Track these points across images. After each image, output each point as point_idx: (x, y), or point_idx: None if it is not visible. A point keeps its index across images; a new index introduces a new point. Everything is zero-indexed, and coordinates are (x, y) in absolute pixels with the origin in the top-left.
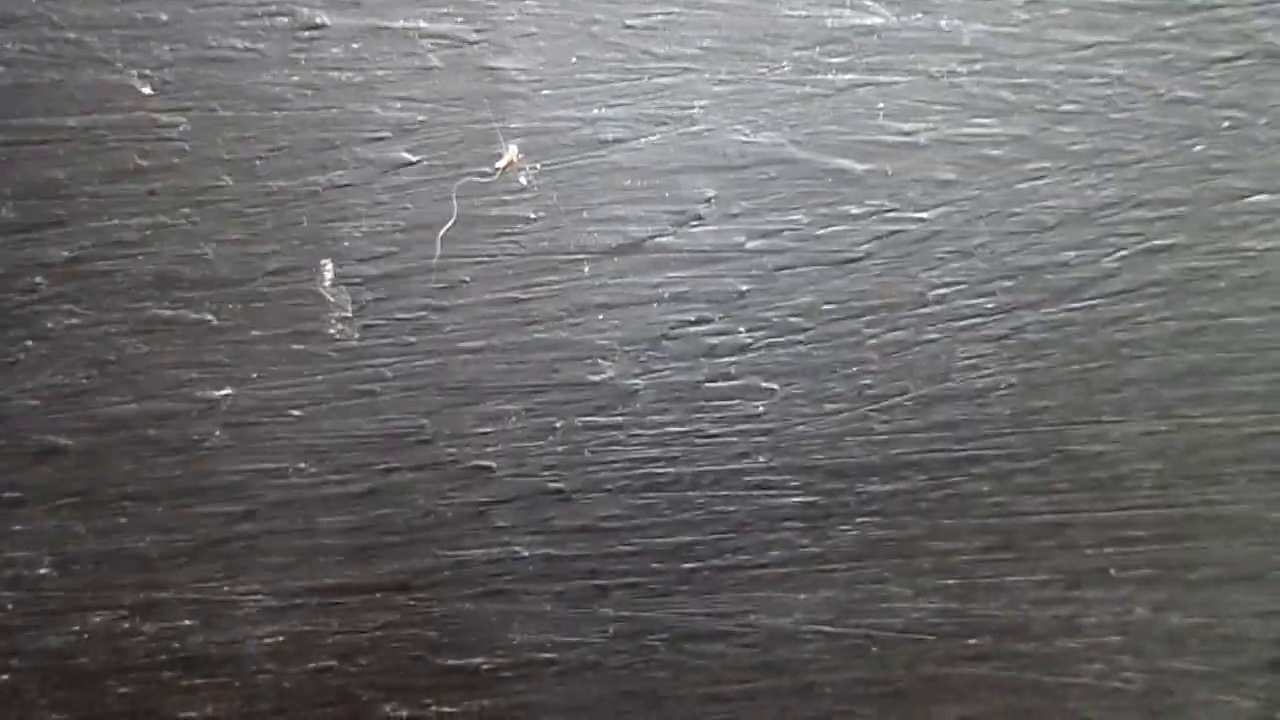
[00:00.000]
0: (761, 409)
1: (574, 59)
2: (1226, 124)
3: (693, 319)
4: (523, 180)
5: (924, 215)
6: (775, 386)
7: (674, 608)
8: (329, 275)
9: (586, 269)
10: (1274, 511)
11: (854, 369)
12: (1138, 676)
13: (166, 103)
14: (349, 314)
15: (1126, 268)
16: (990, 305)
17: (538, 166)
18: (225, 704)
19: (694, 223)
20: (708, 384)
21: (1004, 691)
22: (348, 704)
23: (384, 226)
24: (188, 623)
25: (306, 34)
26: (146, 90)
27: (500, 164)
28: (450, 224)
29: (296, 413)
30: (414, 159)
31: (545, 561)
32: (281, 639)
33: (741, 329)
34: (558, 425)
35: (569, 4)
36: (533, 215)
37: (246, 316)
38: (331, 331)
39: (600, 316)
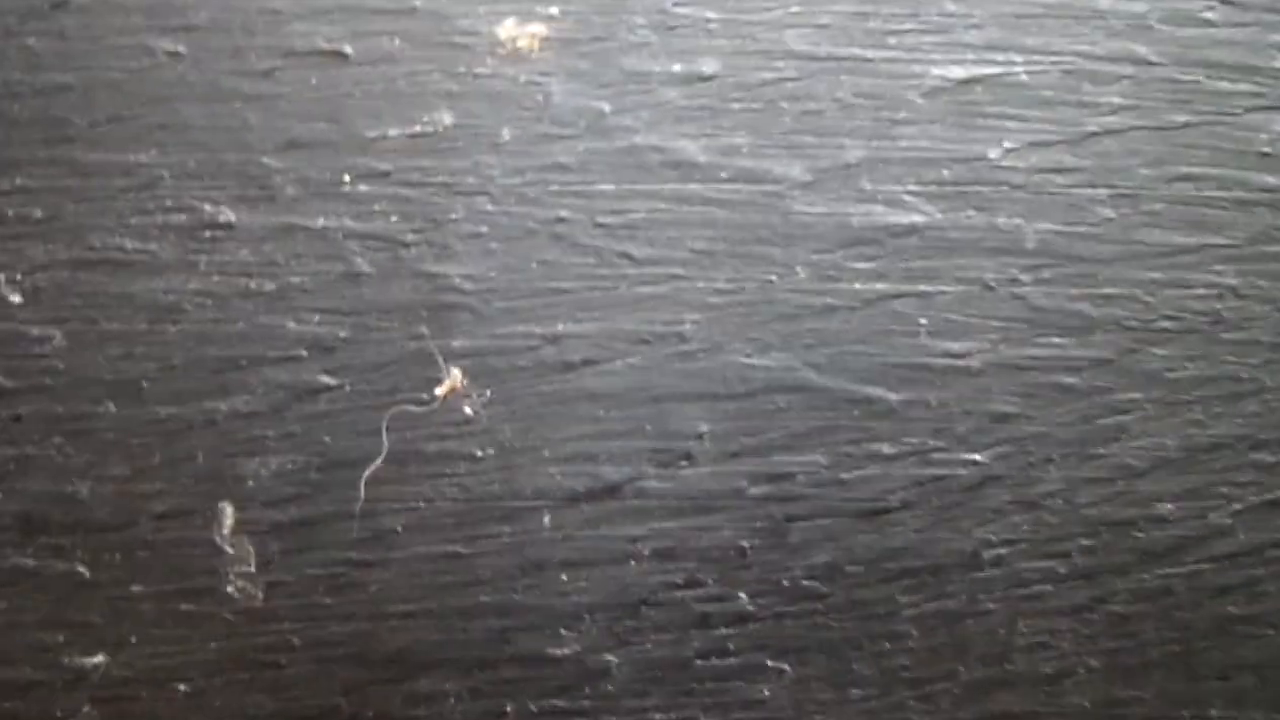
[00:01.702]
0: (767, 694)
1: (534, 264)
2: None
3: (680, 581)
4: (468, 410)
5: (977, 456)
6: (785, 666)
7: None
8: (228, 522)
9: (547, 519)
10: None
11: (886, 646)
12: None
13: (39, 313)
14: (251, 568)
15: (1241, 525)
16: (1063, 570)
17: (487, 394)
18: None
19: (682, 463)
20: (699, 661)
21: None
22: None
23: (296, 464)
24: None
25: (209, 234)
26: (15, 298)
27: (440, 390)
28: (378, 462)
29: (183, 687)
30: (334, 383)
31: None
32: None
33: (742, 594)
34: (508, 709)
35: (527, 199)
36: (480, 453)
37: (126, 569)
38: (229, 589)
39: (563, 576)
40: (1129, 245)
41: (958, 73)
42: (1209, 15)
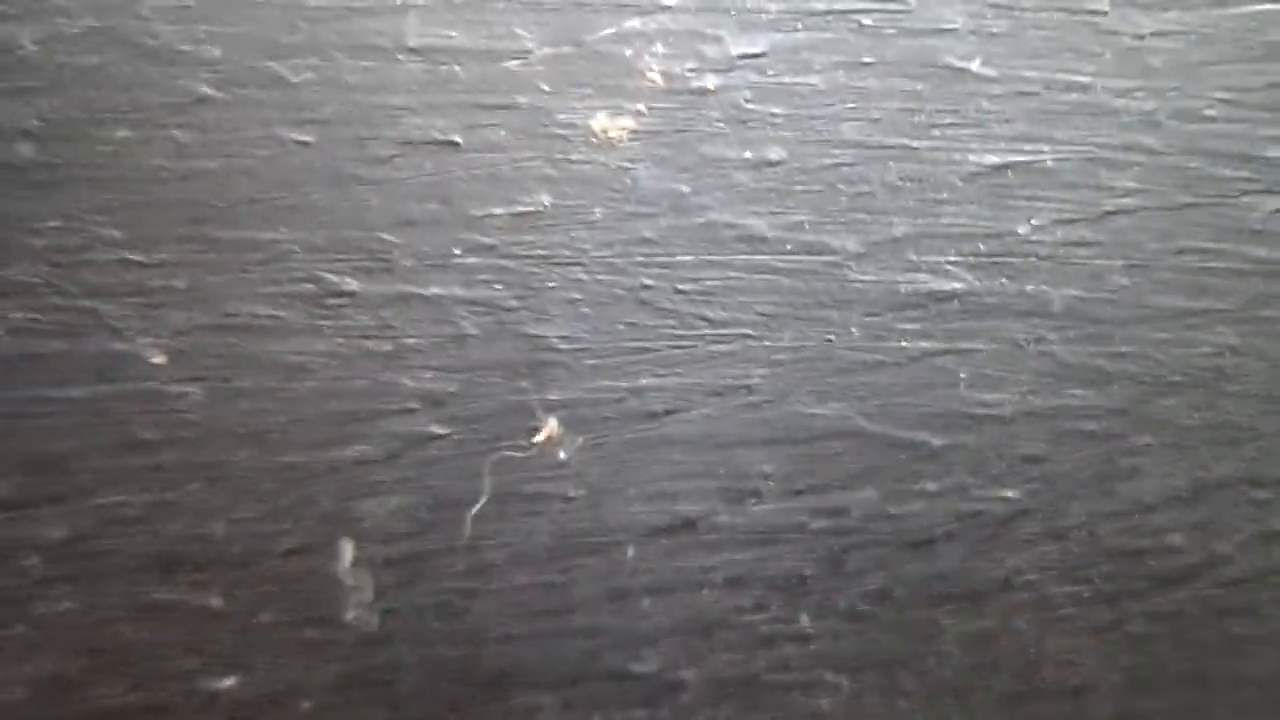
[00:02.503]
0: (826, 705)
1: (620, 326)
2: None
3: (749, 605)
4: (562, 455)
5: (1010, 494)
6: (842, 681)
7: None
8: (348, 556)
9: (630, 551)
10: None
11: (931, 661)
12: None
13: (179, 372)
14: (369, 598)
15: (1243, 554)
16: (1087, 594)
17: (579, 440)
18: None
19: (751, 500)
20: (765, 676)
21: None
22: None
23: (409, 504)
24: None
25: (333, 301)
26: (158, 359)
27: (538, 438)
28: (482, 502)
29: (306, 704)
30: (444, 432)
31: None
32: None
33: (804, 617)
34: None
35: (616, 269)
36: (572, 493)
37: (255, 600)
38: (348, 617)
39: (645, 602)
40: (1141, 309)
41: (992, 159)
42: (1210, 112)
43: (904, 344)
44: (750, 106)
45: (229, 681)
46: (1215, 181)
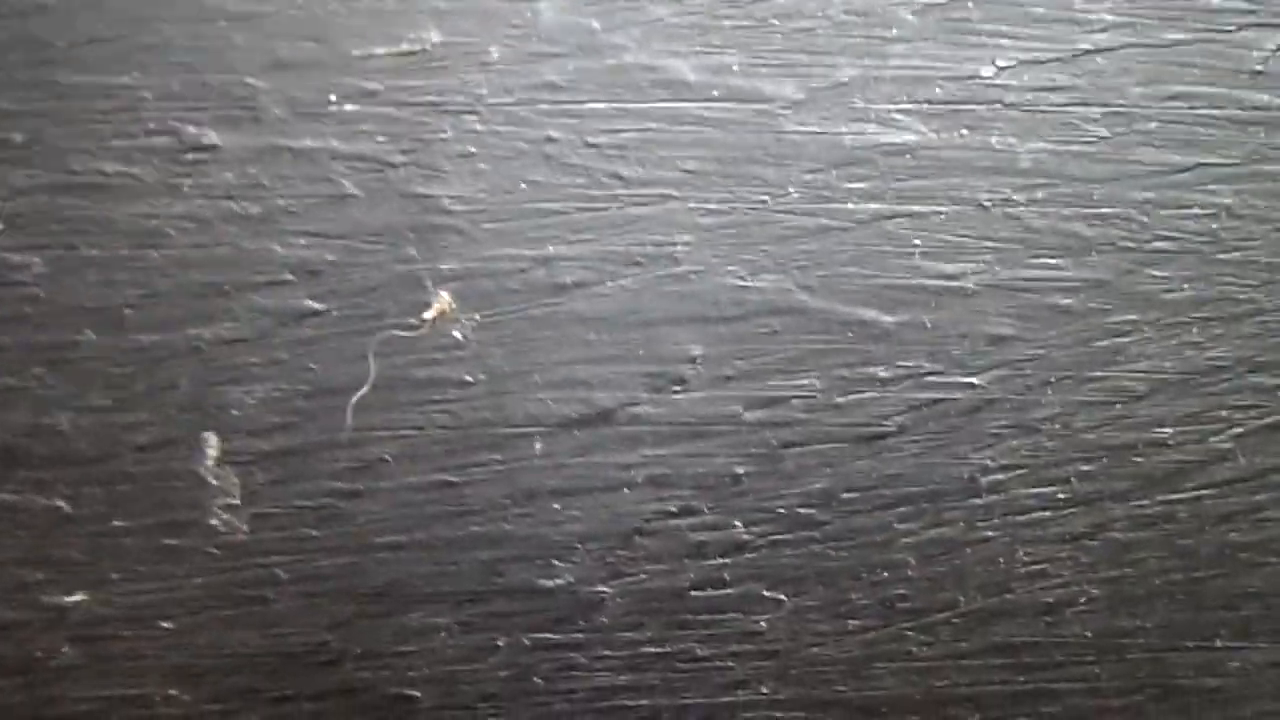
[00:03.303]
0: (764, 625)
1: (522, 185)
2: None
3: (674, 509)
4: (457, 335)
5: (974, 380)
6: (782, 597)
7: None
8: (212, 452)
9: (538, 446)
10: None
11: (884, 575)
12: None
13: (17, 239)
14: (236, 500)
15: (1243, 449)
16: (1063, 496)
17: (476, 318)
18: None
19: (676, 388)
20: (694, 592)
21: None
22: None
23: (282, 392)
24: None
25: (192, 157)
26: None
27: (429, 315)
28: (365, 389)
29: (167, 625)
30: (321, 308)
31: None
32: None
33: (738, 522)
34: (500, 643)
35: (516, 119)
36: (469, 378)
37: (108, 503)
38: (214, 522)
39: (556, 505)
40: (1123, 165)
41: None
42: None
43: (850, 206)
44: None
45: (78, 596)
46: (1207, 14)
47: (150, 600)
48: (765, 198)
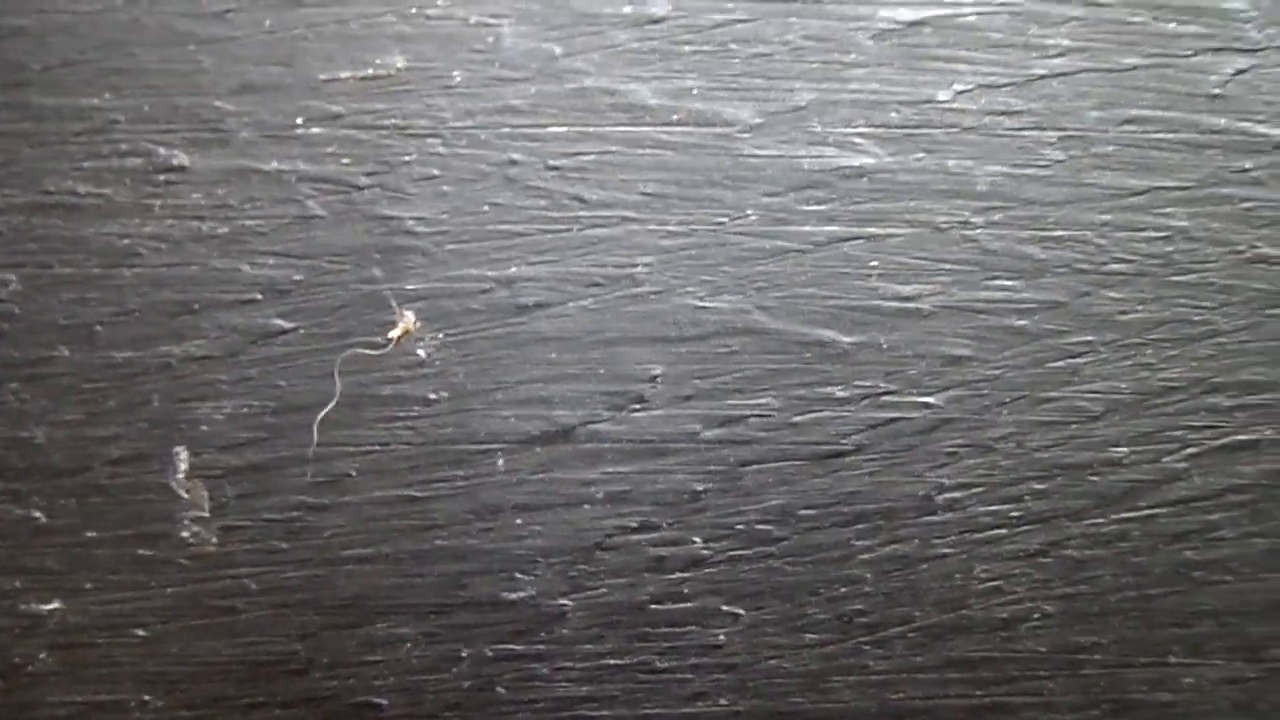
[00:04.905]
0: (722, 639)
1: (485, 207)
2: None
3: (635, 524)
4: (421, 353)
5: (930, 399)
6: (740, 611)
7: None
8: (183, 466)
9: (500, 462)
10: None
11: (840, 590)
12: None
13: None
14: (206, 513)
15: (1197, 469)
16: (1017, 513)
17: (440, 337)
18: None
19: (636, 406)
20: (653, 605)
21: None
22: None
23: (250, 408)
24: None
25: (162, 178)
26: None
27: (393, 333)
28: (331, 405)
29: (140, 633)
30: (288, 326)
31: None
32: None
33: (696, 538)
34: (464, 654)
35: (479, 141)
36: (433, 396)
37: (82, 514)
38: (185, 534)
39: (518, 520)
40: (1079, 188)
41: (906, 15)
42: None
43: (807, 228)
44: None
45: (54, 605)
46: (1163, 39)
47: (123, 609)
48: (724, 220)
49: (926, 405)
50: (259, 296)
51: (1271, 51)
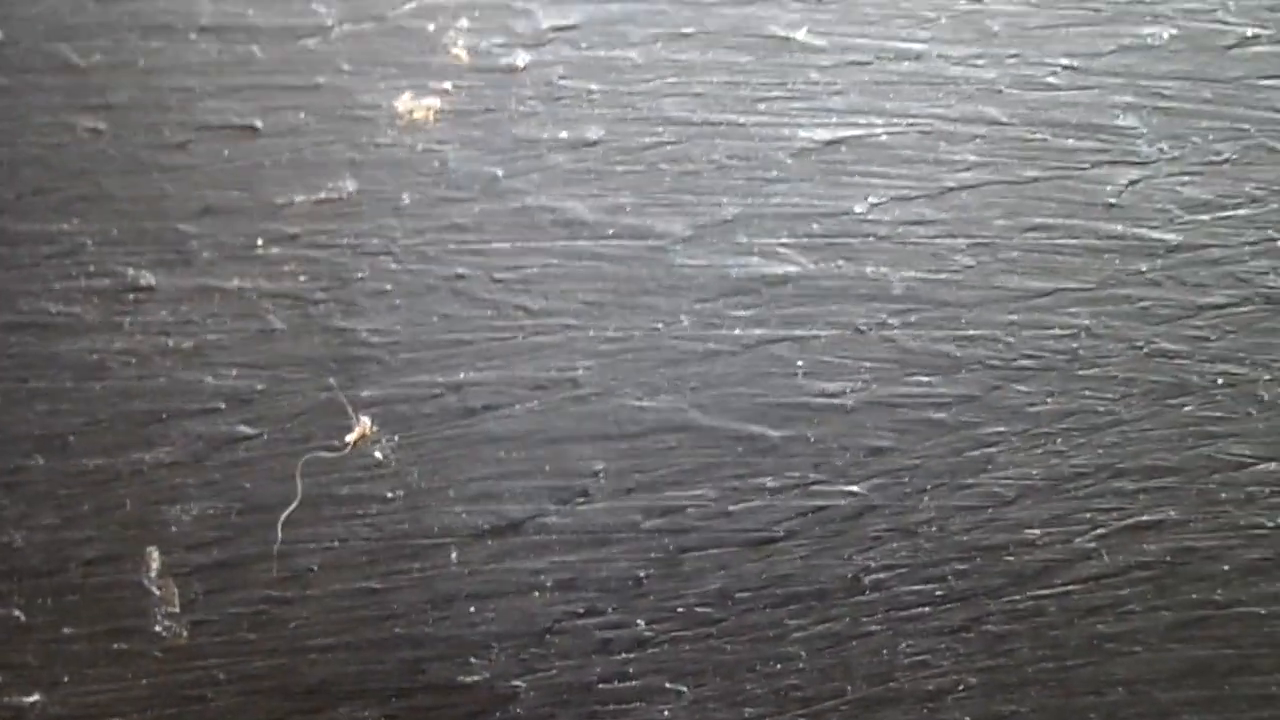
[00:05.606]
0: (667, 714)
1: (435, 317)
2: (1221, 380)
3: (581, 610)
4: (378, 455)
5: (855, 488)
6: (683, 688)
7: None
8: (154, 565)
9: (454, 554)
10: None
11: (776, 667)
12: None
13: None
14: (176, 609)
15: (1106, 548)
16: (940, 592)
17: (395, 439)
18: None
19: (580, 500)
20: (601, 685)
21: None
22: None
23: (217, 509)
24: None
25: (130, 297)
26: None
27: (351, 437)
28: (293, 506)
29: None
30: (252, 433)
31: None
32: None
33: (640, 621)
34: None
35: (428, 257)
36: (390, 494)
37: (58, 612)
38: (157, 629)
39: (471, 608)
40: (989, 290)
41: (823, 135)
42: (1053, 80)
43: (737, 331)
44: (564, 83)
45: (35, 697)
46: (1062, 153)
47: (100, 700)
48: (659, 325)
49: (852, 494)
50: (223, 405)
51: (1162, 163)
